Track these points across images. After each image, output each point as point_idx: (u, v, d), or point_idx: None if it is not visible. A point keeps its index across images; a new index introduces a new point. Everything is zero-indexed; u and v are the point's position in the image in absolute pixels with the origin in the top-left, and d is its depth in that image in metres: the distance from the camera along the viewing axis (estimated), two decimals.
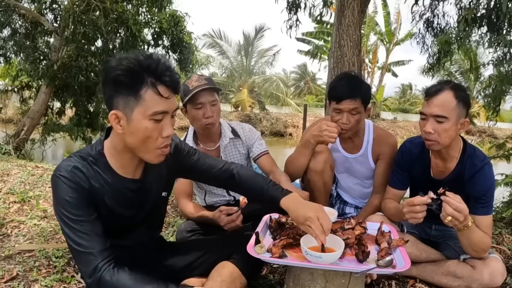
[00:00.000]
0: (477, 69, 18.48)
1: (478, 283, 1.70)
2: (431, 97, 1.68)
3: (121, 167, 1.25)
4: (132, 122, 1.11)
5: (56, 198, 1.18)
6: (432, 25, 5.12)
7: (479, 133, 19.27)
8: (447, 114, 1.64)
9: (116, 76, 1.09)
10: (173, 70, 1.13)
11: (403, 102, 51.69)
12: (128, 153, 1.22)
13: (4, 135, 8.10)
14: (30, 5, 8.39)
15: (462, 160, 1.76)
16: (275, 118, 19.68)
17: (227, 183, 1.55)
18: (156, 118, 1.12)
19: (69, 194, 1.15)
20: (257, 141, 2.18)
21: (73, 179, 1.16)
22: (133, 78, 1.08)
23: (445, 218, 1.49)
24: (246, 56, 25.06)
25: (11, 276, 1.84)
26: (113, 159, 1.23)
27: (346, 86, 1.97)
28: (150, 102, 1.10)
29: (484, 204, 1.69)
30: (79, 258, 1.17)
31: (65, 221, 1.16)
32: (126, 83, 1.09)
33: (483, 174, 1.71)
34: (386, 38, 20.49)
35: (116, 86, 1.10)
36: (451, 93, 1.65)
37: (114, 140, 1.22)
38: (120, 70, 1.09)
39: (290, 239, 1.41)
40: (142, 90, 1.09)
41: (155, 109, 1.10)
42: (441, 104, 1.64)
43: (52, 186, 1.18)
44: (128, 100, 1.10)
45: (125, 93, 1.10)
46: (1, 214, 2.67)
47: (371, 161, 2.20)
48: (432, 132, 1.66)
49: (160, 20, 8.76)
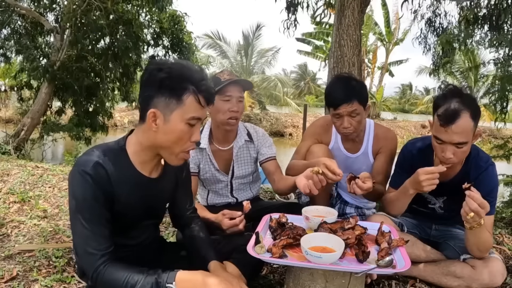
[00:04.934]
0: (477, 68, 18.48)
1: (478, 283, 1.70)
2: (449, 124, 1.56)
3: (141, 163, 1.29)
4: (169, 122, 1.19)
5: (73, 194, 1.19)
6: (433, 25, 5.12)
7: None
8: (467, 138, 1.58)
9: (163, 79, 1.17)
10: (211, 84, 1.24)
11: (403, 102, 51.69)
12: (151, 151, 1.27)
13: (4, 135, 8.10)
14: (30, 5, 8.39)
15: (468, 162, 1.76)
16: (275, 118, 19.68)
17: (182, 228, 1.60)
18: (191, 122, 1.21)
19: (88, 193, 1.18)
20: (268, 145, 2.18)
21: (95, 176, 1.18)
22: (178, 83, 1.18)
23: (468, 214, 1.47)
24: (246, 56, 25.06)
25: (11, 276, 1.84)
26: (135, 155, 1.28)
27: (341, 91, 1.96)
28: (190, 107, 1.19)
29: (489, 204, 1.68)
30: (83, 257, 1.19)
31: (78, 218, 1.18)
32: (171, 86, 1.17)
33: (487, 175, 1.72)
34: (386, 38, 20.49)
35: (160, 87, 1.18)
36: (468, 115, 1.56)
37: (141, 137, 1.26)
38: (167, 73, 1.17)
39: (290, 239, 1.41)
40: (185, 95, 1.18)
41: (192, 114, 1.20)
42: (461, 131, 1.56)
43: (71, 181, 1.20)
44: (169, 102, 1.18)
45: (168, 95, 1.17)
46: (1, 214, 2.67)
47: (372, 158, 2.21)
48: (452, 157, 1.62)
49: (160, 20, 8.77)
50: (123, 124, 19.17)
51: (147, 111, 1.19)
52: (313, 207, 1.69)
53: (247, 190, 2.27)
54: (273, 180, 2.10)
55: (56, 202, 3.02)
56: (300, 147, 2.28)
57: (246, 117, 18.97)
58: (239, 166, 2.16)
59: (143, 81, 1.22)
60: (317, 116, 17.11)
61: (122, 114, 19.14)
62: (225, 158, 2.14)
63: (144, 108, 1.21)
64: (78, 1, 7.34)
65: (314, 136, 2.27)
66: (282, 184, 2.02)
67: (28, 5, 8.36)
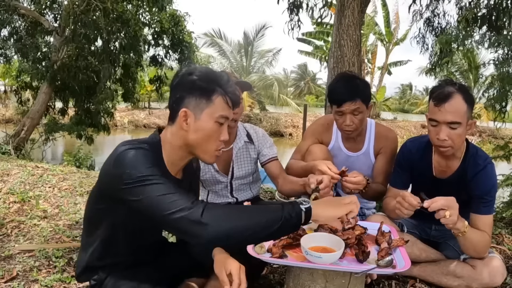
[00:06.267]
0: (477, 68, 18.48)
1: (478, 283, 1.70)
2: (442, 103, 1.62)
3: (171, 163, 1.31)
4: (200, 121, 1.25)
5: (129, 165, 1.14)
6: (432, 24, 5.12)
7: (480, 133, 19.27)
8: (460, 119, 1.61)
9: (194, 80, 1.24)
10: (237, 87, 1.33)
11: (403, 102, 51.69)
12: (182, 150, 1.30)
13: (4, 135, 8.10)
14: (30, 5, 8.39)
15: (465, 160, 1.75)
16: (275, 118, 19.67)
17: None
18: (220, 121, 1.27)
19: (149, 159, 1.16)
20: (268, 146, 2.17)
21: (144, 152, 1.18)
22: (208, 84, 1.25)
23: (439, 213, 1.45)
24: (246, 56, 25.06)
25: (11, 276, 1.84)
26: (166, 152, 1.30)
27: (345, 88, 1.96)
28: (219, 106, 1.26)
29: (486, 204, 1.69)
30: (172, 203, 1.10)
31: (148, 180, 1.12)
32: (202, 87, 1.24)
33: (485, 174, 1.71)
34: (385, 38, 20.48)
35: (191, 88, 1.24)
36: (461, 97, 1.61)
37: (173, 136, 1.29)
38: (198, 76, 1.25)
39: (290, 239, 1.41)
40: (214, 95, 1.25)
41: (221, 113, 1.26)
42: (454, 111, 1.61)
43: (124, 159, 1.15)
44: (200, 102, 1.24)
45: (198, 95, 1.24)
46: (1, 214, 2.68)
47: (373, 158, 2.21)
48: (447, 139, 1.64)
49: (160, 20, 8.77)
50: (123, 124, 19.19)
51: (178, 111, 1.24)
52: None
53: (247, 190, 2.27)
54: (277, 183, 2.11)
55: (56, 202, 3.02)
56: (301, 146, 2.29)
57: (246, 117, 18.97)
58: (239, 167, 2.16)
59: (174, 85, 1.28)
60: (317, 116, 17.10)
61: (122, 114, 19.15)
62: (225, 159, 2.14)
63: (175, 109, 1.26)
64: (78, 1, 7.34)
65: (315, 135, 2.28)
66: (287, 187, 2.03)
67: (28, 5, 8.37)
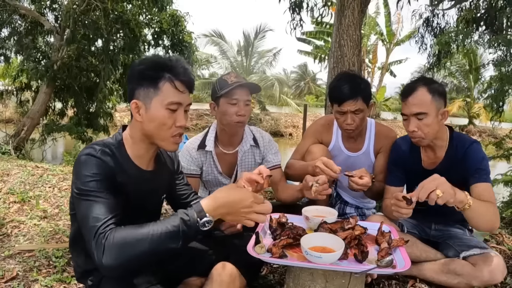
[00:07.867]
0: (477, 69, 18.48)
1: (478, 280, 1.71)
2: (407, 97, 1.76)
3: (137, 157, 1.34)
4: (151, 110, 1.26)
5: (77, 175, 1.19)
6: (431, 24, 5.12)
7: (479, 133, 19.27)
8: (426, 109, 1.72)
9: (140, 70, 1.26)
10: (188, 70, 1.30)
11: None
12: (144, 142, 1.33)
13: (4, 135, 8.09)
14: (30, 5, 8.38)
15: (452, 145, 1.84)
16: (275, 118, 19.65)
17: None
18: (171, 108, 1.26)
19: (94, 170, 1.18)
20: (273, 152, 2.17)
21: (103, 157, 1.21)
22: (154, 72, 1.26)
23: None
24: (246, 56, 25.04)
25: (11, 276, 1.84)
26: (130, 148, 1.33)
27: (346, 87, 1.97)
28: (167, 93, 1.26)
29: (482, 173, 1.72)
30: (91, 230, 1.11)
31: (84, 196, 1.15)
32: (148, 76, 1.25)
33: (474, 148, 1.79)
34: (386, 38, 20.47)
35: (139, 79, 1.27)
36: (425, 89, 1.73)
37: (132, 130, 1.33)
38: (144, 65, 1.27)
39: (290, 239, 1.41)
40: (161, 83, 1.25)
41: (170, 100, 1.26)
42: (418, 102, 1.73)
43: (77, 167, 1.20)
44: (148, 91, 1.26)
45: (146, 85, 1.26)
46: (1, 214, 2.68)
47: (373, 158, 2.21)
48: (416, 130, 1.75)
49: (160, 20, 8.76)
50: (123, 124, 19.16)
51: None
52: (313, 207, 1.69)
53: None
54: (276, 189, 2.12)
55: (56, 202, 3.02)
56: (301, 146, 2.29)
57: None
58: (243, 171, 2.15)
59: (127, 78, 1.31)
60: (317, 116, 17.12)
61: (122, 114, 19.12)
62: (229, 161, 2.13)
63: (130, 101, 1.29)
64: (78, 1, 7.34)
65: (315, 135, 2.28)
66: (286, 194, 2.06)
67: (28, 5, 8.36)
